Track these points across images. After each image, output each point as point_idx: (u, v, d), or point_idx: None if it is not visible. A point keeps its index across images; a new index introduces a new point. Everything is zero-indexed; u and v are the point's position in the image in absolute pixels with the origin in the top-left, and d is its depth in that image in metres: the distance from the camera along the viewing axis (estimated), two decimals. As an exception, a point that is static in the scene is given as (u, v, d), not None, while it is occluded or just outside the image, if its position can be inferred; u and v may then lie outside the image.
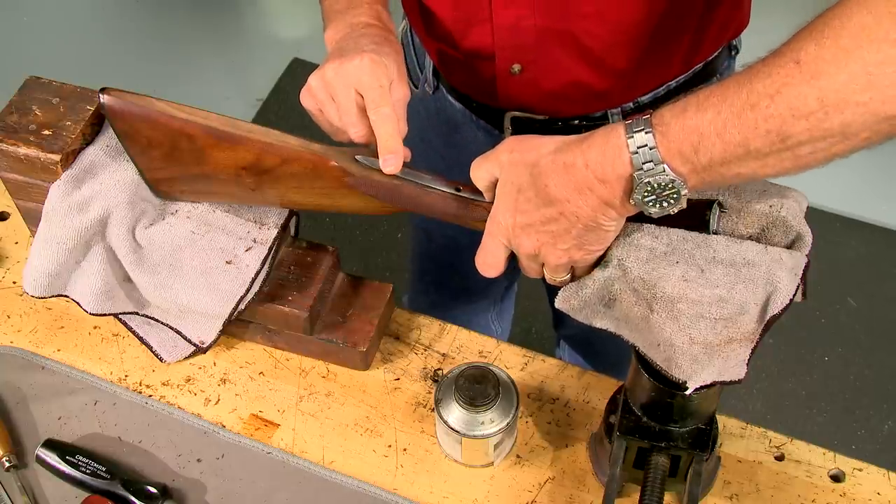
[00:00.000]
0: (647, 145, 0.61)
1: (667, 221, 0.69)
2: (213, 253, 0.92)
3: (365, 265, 2.14)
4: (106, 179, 0.91)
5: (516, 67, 0.96)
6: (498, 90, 1.00)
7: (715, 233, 0.71)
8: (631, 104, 1.01)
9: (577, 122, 1.02)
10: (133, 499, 0.86)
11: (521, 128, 1.04)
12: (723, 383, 0.70)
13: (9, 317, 1.02)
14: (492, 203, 0.77)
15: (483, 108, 1.07)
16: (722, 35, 1.01)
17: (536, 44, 0.93)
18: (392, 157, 0.79)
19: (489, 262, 0.77)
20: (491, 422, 0.85)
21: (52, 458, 0.88)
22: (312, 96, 0.84)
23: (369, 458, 0.91)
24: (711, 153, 0.60)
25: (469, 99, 1.08)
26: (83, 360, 0.98)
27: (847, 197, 2.31)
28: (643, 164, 0.62)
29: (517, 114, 1.03)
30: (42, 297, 0.94)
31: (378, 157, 0.80)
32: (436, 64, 1.08)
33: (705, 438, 0.80)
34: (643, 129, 0.61)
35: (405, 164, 0.81)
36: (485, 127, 1.09)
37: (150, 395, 0.96)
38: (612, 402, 0.86)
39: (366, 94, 0.80)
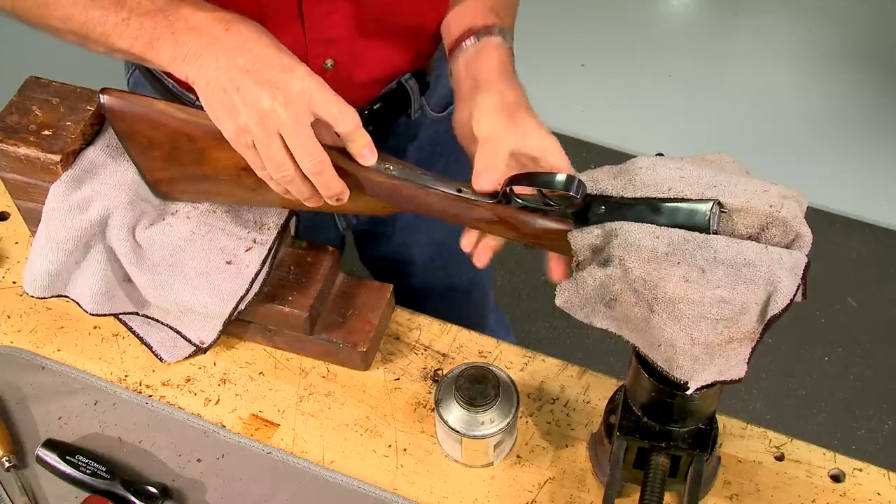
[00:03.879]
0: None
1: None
2: (213, 253, 0.92)
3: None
4: (106, 179, 0.91)
5: (329, 62, 0.96)
6: None
7: (715, 233, 0.71)
8: (422, 68, 1.03)
9: (377, 105, 1.04)
10: (133, 499, 0.86)
11: None
12: (723, 383, 0.70)
13: (9, 317, 1.02)
14: (493, 203, 0.77)
15: None
16: None
17: (348, 35, 0.94)
18: (367, 150, 0.78)
19: None
20: (491, 422, 0.85)
21: (52, 458, 0.88)
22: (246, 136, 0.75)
23: (369, 458, 0.91)
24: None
25: None
26: (83, 360, 0.98)
27: (847, 197, 2.31)
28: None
29: None
30: (42, 298, 0.94)
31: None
32: None
33: (705, 438, 0.80)
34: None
35: (406, 165, 0.80)
36: None
37: (150, 395, 0.96)
38: (612, 402, 0.86)
39: (325, 112, 0.75)
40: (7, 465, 0.89)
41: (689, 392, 0.70)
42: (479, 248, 0.83)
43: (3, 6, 0.83)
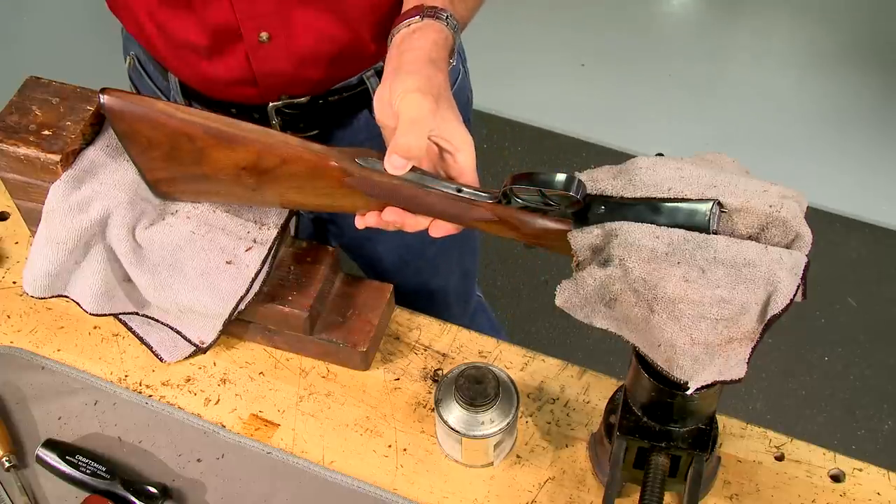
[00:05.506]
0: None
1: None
2: (213, 253, 0.92)
3: None
4: (106, 179, 0.91)
5: (264, 35, 0.96)
6: (254, 70, 1.00)
7: (715, 233, 0.71)
8: (382, 62, 1.02)
9: (335, 97, 1.04)
10: (133, 499, 0.86)
11: (288, 118, 1.05)
12: (723, 383, 0.70)
13: (9, 317, 1.02)
14: (493, 203, 0.77)
15: (244, 110, 1.05)
16: None
17: (279, 6, 0.94)
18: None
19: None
20: (491, 422, 0.85)
21: (52, 458, 0.88)
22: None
23: (369, 458, 0.91)
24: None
25: (227, 105, 1.06)
26: (83, 360, 0.98)
27: (847, 197, 2.31)
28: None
29: (279, 103, 1.03)
30: (42, 298, 0.94)
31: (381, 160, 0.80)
32: (183, 79, 1.06)
33: (705, 438, 0.80)
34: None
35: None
36: None
37: (150, 395, 0.96)
38: (612, 402, 0.86)
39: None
40: (7, 465, 0.89)
41: (689, 392, 0.70)
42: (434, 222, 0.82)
43: None
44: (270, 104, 1.04)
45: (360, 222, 0.83)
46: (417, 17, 0.84)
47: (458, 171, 0.80)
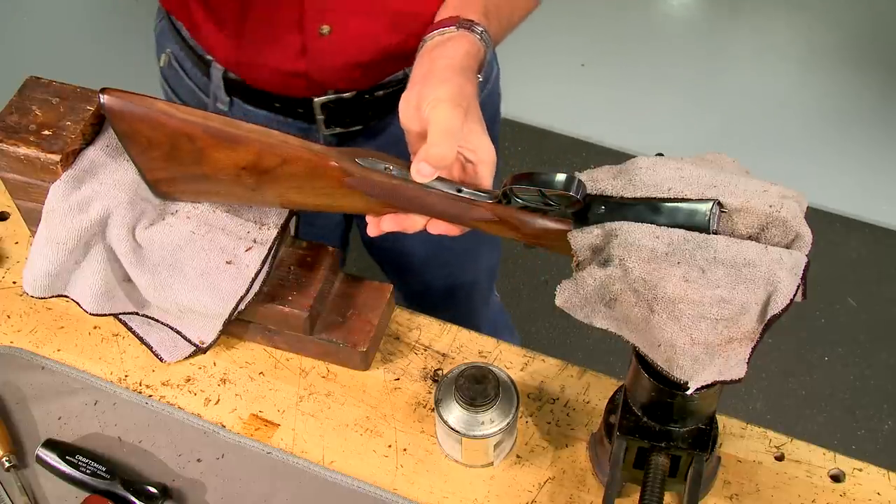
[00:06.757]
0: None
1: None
2: (213, 253, 0.92)
3: (365, 265, 2.14)
4: (106, 179, 0.91)
5: (325, 28, 0.97)
6: (307, 62, 1.00)
7: (715, 233, 0.71)
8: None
9: (381, 92, 1.04)
10: (133, 499, 0.86)
11: (333, 113, 1.05)
12: (723, 383, 0.70)
13: (9, 317, 1.02)
14: (493, 203, 0.77)
15: (288, 103, 1.06)
16: None
17: (344, 5, 0.95)
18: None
19: None
20: (491, 422, 0.85)
21: (52, 458, 0.88)
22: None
23: (369, 458, 0.91)
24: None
25: (270, 99, 1.06)
26: (83, 360, 0.98)
27: (847, 197, 2.31)
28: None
29: (326, 98, 1.03)
30: (42, 298, 0.94)
31: (378, 161, 0.80)
32: (230, 67, 1.06)
33: (705, 438, 0.80)
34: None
35: (406, 165, 0.80)
36: (294, 124, 1.09)
37: (150, 395, 0.96)
38: (612, 402, 0.86)
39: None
40: (7, 465, 0.89)
41: (689, 392, 0.70)
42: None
43: None
44: (316, 99, 1.04)
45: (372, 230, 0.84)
46: (453, 27, 0.85)
47: (477, 182, 0.80)
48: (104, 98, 0.84)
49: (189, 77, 1.13)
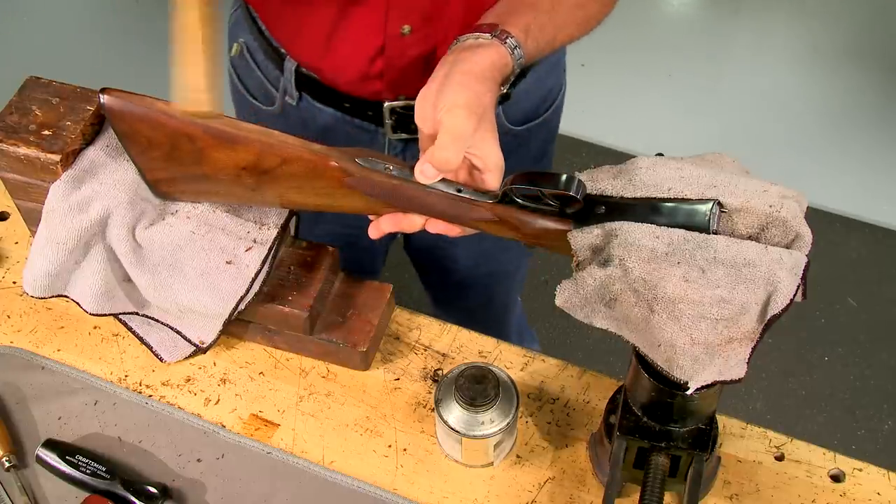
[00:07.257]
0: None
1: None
2: (213, 253, 0.92)
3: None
4: (106, 179, 0.91)
5: (406, 28, 0.96)
6: (385, 62, 0.99)
7: (715, 233, 0.71)
8: None
9: None
10: (133, 499, 0.86)
11: (402, 119, 1.04)
12: (723, 383, 0.70)
13: (9, 317, 1.02)
14: (493, 203, 0.77)
15: (358, 104, 1.05)
16: None
17: (426, 7, 0.94)
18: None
19: None
20: (491, 422, 0.85)
21: (52, 458, 0.88)
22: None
23: (369, 458, 0.91)
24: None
25: (341, 98, 1.05)
26: (83, 360, 0.98)
27: (847, 197, 2.31)
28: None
29: (397, 103, 1.02)
30: (42, 298, 0.94)
31: (379, 161, 0.80)
32: (303, 63, 1.05)
33: (705, 438, 0.80)
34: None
35: (406, 165, 0.80)
36: (361, 125, 1.08)
37: (150, 395, 0.96)
38: (612, 402, 0.86)
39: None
40: (7, 465, 0.89)
41: (689, 392, 0.70)
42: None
43: None
44: (387, 103, 1.03)
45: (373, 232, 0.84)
46: (489, 34, 0.84)
47: (483, 188, 0.80)
48: (104, 98, 0.84)
49: (260, 69, 1.12)
